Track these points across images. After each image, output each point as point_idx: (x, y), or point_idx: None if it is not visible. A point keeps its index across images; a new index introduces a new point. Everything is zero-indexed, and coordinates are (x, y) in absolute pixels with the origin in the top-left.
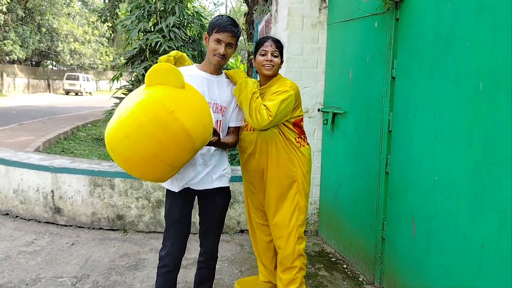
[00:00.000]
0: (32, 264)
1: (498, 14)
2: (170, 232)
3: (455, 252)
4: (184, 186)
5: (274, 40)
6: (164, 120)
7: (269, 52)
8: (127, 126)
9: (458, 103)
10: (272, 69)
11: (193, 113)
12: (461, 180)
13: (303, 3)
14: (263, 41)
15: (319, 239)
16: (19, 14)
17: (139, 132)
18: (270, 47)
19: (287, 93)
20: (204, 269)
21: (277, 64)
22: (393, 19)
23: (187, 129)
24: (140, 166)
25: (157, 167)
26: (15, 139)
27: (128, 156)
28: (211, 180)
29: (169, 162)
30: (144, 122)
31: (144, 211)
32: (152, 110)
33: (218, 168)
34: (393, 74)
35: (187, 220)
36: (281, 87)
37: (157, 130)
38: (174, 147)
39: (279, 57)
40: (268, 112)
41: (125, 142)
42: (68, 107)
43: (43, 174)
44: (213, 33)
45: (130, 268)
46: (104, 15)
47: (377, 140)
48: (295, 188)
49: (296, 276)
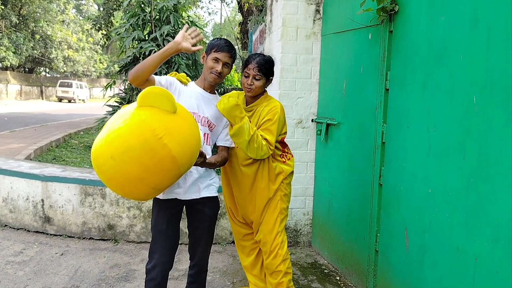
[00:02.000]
0: (20, 275)
1: (492, 26)
2: (157, 244)
3: (448, 265)
4: (171, 196)
5: (258, 62)
6: (152, 146)
7: (251, 76)
8: (115, 147)
9: (452, 116)
10: (252, 92)
11: (182, 139)
12: (454, 193)
13: (297, 14)
14: (248, 62)
15: (312, 251)
16: (13, 21)
17: (126, 155)
18: (252, 71)
19: (277, 121)
20: (194, 283)
21: (258, 86)
22: (387, 31)
23: (174, 156)
24: (124, 186)
25: (140, 189)
26: (6, 146)
27: (113, 176)
28: (198, 189)
29: (153, 186)
30: (131, 145)
31: (135, 221)
32: (140, 134)
33: (205, 178)
34: (386, 85)
35: (175, 232)
36: (271, 114)
37: (144, 155)
38: (159, 172)
39: (262, 80)
40: (269, 146)
41: (111, 163)
42: (60, 114)
43: (33, 182)
44: (212, 52)
45: (120, 279)
46: (98, 23)
47: (370, 151)
48: (278, 196)
49: (282, 280)
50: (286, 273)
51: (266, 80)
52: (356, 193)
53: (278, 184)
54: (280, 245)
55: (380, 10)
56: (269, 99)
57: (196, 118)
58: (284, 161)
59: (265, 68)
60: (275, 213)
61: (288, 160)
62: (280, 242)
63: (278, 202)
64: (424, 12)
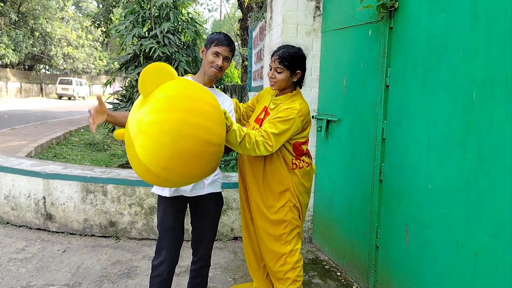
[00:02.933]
0: (22, 272)
1: (492, 23)
2: (164, 240)
3: (449, 260)
4: (177, 193)
5: (280, 54)
6: (195, 104)
7: (273, 68)
8: (168, 134)
9: (452, 112)
10: (276, 85)
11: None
12: (455, 188)
13: (297, 11)
14: (273, 54)
15: (313, 247)
16: (12, 18)
17: (182, 130)
18: (273, 63)
19: (288, 123)
20: (197, 277)
21: (280, 80)
22: (387, 27)
23: (212, 103)
24: (197, 162)
25: (211, 154)
26: (6, 144)
27: (186, 159)
28: (203, 185)
29: (217, 141)
30: (180, 118)
31: (136, 218)
32: (179, 104)
33: None
34: (387, 82)
35: (181, 228)
36: (286, 112)
37: (194, 117)
38: (214, 124)
39: (284, 72)
40: (268, 145)
41: (178, 147)
42: (61, 112)
43: (34, 180)
44: (212, 46)
45: (122, 275)
46: (98, 20)
47: (371, 147)
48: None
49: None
50: (295, 281)
51: (290, 74)
52: (356, 189)
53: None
54: (289, 254)
55: (380, 7)
56: (294, 100)
57: None
58: (293, 168)
59: (288, 61)
60: (281, 224)
61: (300, 168)
62: (289, 251)
63: (287, 213)
64: (424, 8)
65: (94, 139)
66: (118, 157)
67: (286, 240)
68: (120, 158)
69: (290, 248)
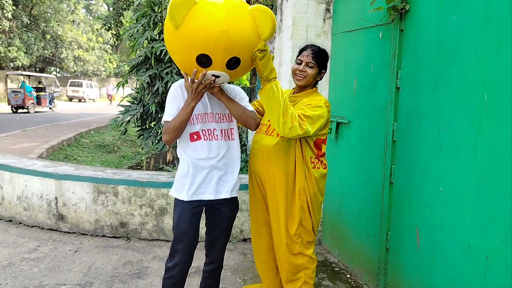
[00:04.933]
0: (35, 271)
1: (503, 25)
2: (179, 243)
3: (459, 263)
4: (194, 197)
5: (314, 49)
6: None
7: (304, 62)
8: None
9: (463, 114)
10: (303, 80)
11: None
12: (466, 191)
13: (307, 13)
14: (303, 49)
15: (323, 249)
16: (24, 21)
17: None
18: (306, 58)
19: (321, 109)
20: (209, 278)
21: (310, 75)
22: (398, 30)
23: None
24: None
25: None
26: (18, 145)
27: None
28: (220, 190)
29: None
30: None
31: (147, 219)
32: None
33: (228, 177)
34: (397, 84)
35: (196, 232)
36: (314, 101)
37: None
38: None
39: (315, 68)
40: (303, 125)
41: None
42: (71, 114)
43: (47, 181)
44: None
45: (133, 276)
46: (108, 23)
47: (381, 150)
48: (299, 205)
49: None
50: (306, 282)
51: (318, 71)
52: (366, 192)
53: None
54: (302, 253)
55: (391, 9)
56: (316, 95)
57: (210, 119)
58: (312, 166)
59: (320, 57)
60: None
61: (317, 168)
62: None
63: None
64: (435, 10)
65: (104, 141)
66: (128, 159)
67: (297, 240)
68: (130, 160)
69: (300, 248)
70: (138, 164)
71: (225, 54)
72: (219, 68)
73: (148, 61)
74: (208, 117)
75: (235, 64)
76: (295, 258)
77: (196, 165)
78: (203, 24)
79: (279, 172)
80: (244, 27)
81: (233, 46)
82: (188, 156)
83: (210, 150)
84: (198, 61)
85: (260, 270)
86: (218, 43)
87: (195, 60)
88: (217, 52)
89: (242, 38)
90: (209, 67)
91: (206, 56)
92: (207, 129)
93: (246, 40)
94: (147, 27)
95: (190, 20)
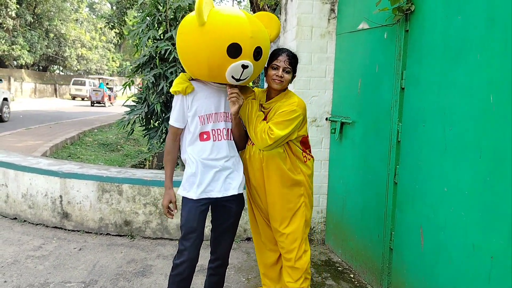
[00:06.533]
0: (40, 269)
1: (509, 26)
2: (187, 241)
3: (464, 263)
4: (203, 196)
5: (289, 55)
6: None
7: (281, 68)
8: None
9: (468, 115)
10: (281, 84)
11: None
12: (470, 191)
13: (312, 13)
14: (278, 54)
15: (326, 248)
16: (28, 20)
17: None
18: (283, 63)
19: (294, 113)
20: (214, 275)
21: (287, 80)
22: (403, 30)
23: None
24: None
25: None
26: (22, 143)
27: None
28: (227, 187)
29: None
30: None
31: (151, 217)
32: None
33: (235, 174)
34: (402, 84)
35: (203, 228)
36: (288, 107)
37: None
38: None
39: (291, 73)
40: (271, 135)
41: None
42: (74, 112)
43: (52, 179)
44: None
45: (137, 274)
46: (111, 22)
47: (385, 150)
48: (303, 202)
49: (302, 286)
50: (306, 278)
51: (293, 75)
52: (370, 192)
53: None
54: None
55: (396, 10)
56: (290, 96)
57: (221, 118)
58: (304, 161)
59: (294, 63)
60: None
61: (309, 160)
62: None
63: (304, 210)
64: (441, 11)
65: (108, 139)
66: (131, 157)
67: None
68: (133, 159)
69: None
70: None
71: (253, 42)
72: (247, 58)
73: (152, 60)
74: (219, 117)
75: (259, 54)
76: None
77: (206, 164)
78: (231, 17)
79: (276, 174)
80: (260, 23)
81: (257, 35)
82: (197, 156)
83: (219, 150)
84: (228, 51)
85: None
86: (246, 32)
87: (225, 51)
88: (246, 40)
89: (261, 29)
90: (239, 57)
91: (237, 45)
92: (217, 128)
93: (264, 33)
94: (151, 27)
95: (215, 16)
